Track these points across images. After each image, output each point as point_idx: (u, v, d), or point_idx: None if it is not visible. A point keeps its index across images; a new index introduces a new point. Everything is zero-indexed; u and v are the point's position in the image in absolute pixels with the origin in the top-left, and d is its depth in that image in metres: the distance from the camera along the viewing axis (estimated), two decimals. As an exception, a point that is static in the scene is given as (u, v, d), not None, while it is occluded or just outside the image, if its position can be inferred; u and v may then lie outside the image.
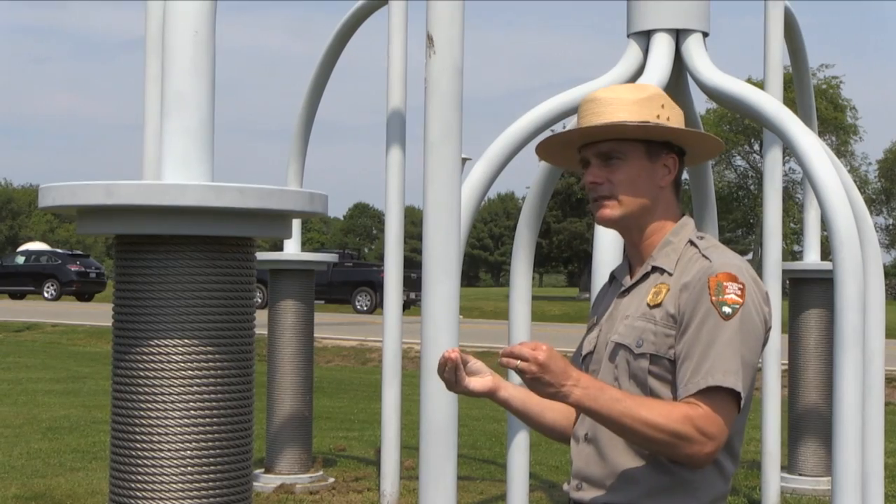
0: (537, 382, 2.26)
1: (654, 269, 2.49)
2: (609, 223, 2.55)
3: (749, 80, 7.98)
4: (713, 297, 2.32)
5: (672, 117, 2.51)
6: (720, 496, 2.43)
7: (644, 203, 2.51)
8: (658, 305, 2.41)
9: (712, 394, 2.28)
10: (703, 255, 2.42)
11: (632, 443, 2.37)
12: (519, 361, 2.26)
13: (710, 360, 2.29)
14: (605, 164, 2.50)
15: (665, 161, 2.51)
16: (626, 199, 2.50)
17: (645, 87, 2.56)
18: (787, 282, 8.79)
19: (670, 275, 2.44)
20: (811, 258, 8.87)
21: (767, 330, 2.40)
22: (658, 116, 2.49)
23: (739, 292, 2.33)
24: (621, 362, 2.44)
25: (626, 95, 2.50)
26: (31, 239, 65.93)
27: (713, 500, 2.41)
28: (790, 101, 8.12)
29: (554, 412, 2.63)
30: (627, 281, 2.55)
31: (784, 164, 8.47)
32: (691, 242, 2.48)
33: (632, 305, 2.49)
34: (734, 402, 2.30)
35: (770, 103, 5.69)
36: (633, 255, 2.58)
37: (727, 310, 2.31)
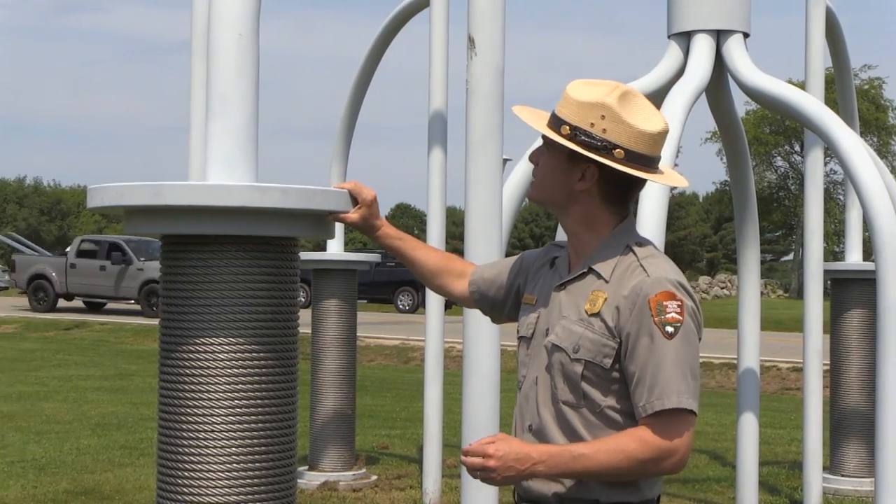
0: (503, 475, 2.42)
1: (591, 270, 2.54)
2: (531, 201, 2.74)
3: (790, 81, 7.92)
4: (655, 318, 2.41)
5: (610, 129, 2.48)
6: (657, 479, 2.56)
7: (555, 199, 2.60)
8: (596, 315, 2.48)
9: (668, 414, 2.41)
10: (641, 266, 2.48)
11: (607, 480, 2.48)
12: (480, 459, 2.41)
13: (661, 384, 2.40)
14: (543, 150, 2.62)
15: (584, 169, 2.52)
16: (540, 188, 2.63)
17: (605, 91, 2.52)
18: (829, 282, 8.70)
19: (606, 282, 2.50)
20: (853, 258, 8.78)
21: (701, 338, 2.52)
22: (592, 125, 2.49)
23: (679, 310, 2.42)
24: (556, 363, 2.53)
25: (578, 95, 2.53)
26: (79, 239, 66.50)
27: (653, 485, 2.54)
28: (832, 102, 8.04)
29: (420, 251, 2.95)
30: (565, 274, 2.61)
31: (825, 164, 8.41)
32: (629, 248, 2.53)
33: (569, 306, 2.55)
34: (688, 415, 2.43)
35: (811, 103, 5.63)
36: (571, 247, 2.65)
37: (670, 329, 2.41)
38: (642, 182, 2.56)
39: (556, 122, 2.54)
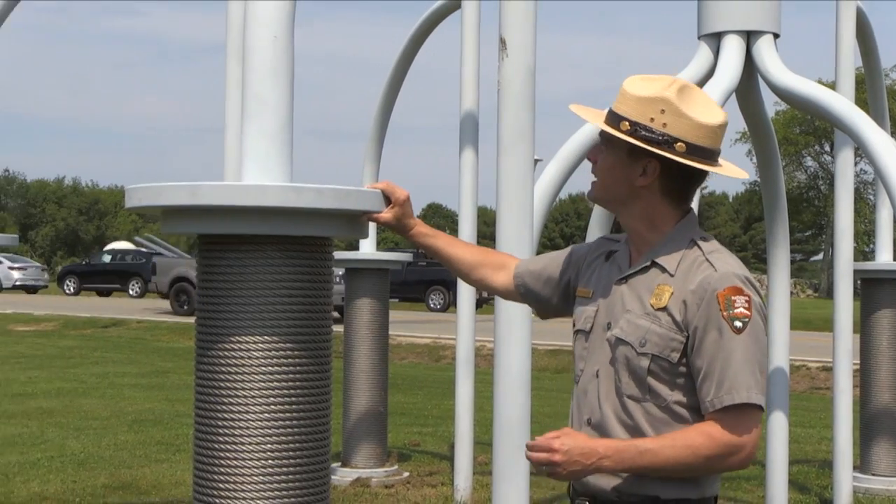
0: (569, 469, 2.42)
1: (655, 264, 2.51)
2: (591, 200, 2.70)
3: (820, 82, 7.88)
4: (724, 313, 2.38)
5: (670, 123, 2.46)
6: (717, 477, 2.54)
7: (616, 196, 2.57)
8: (662, 309, 2.45)
9: (736, 409, 2.38)
10: (708, 260, 2.45)
11: (672, 476, 2.45)
12: (545, 454, 2.42)
13: (730, 379, 2.37)
14: (602, 147, 2.59)
15: (645, 164, 2.49)
16: (602, 185, 2.60)
17: (663, 86, 2.49)
18: (859, 282, 8.63)
19: (671, 276, 2.47)
20: (883, 258, 8.71)
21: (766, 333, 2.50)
22: (652, 119, 2.46)
23: (747, 305, 2.39)
24: (621, 357, 2.50)
25: (636, 90, 2.50)
26: (116, 238, 67.01)
27: (713, 482, 2.51)
28: (862, 102, 7.97)
29: (456, 247, 2.94)
30: (626, 268, 2.57)
31: (855, 164, 8.33)
32: (694, 242, 2.50)
33: (633, 300, 2.51)
34: (757, 410, 2.40)
35: (842, 103, 5.59)
36: (632, 242, 2.61)
37: (738, 324, 2.38)
38: (702, 176, 2.53)
39: (614, 119, 2.51)
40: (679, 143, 2.45)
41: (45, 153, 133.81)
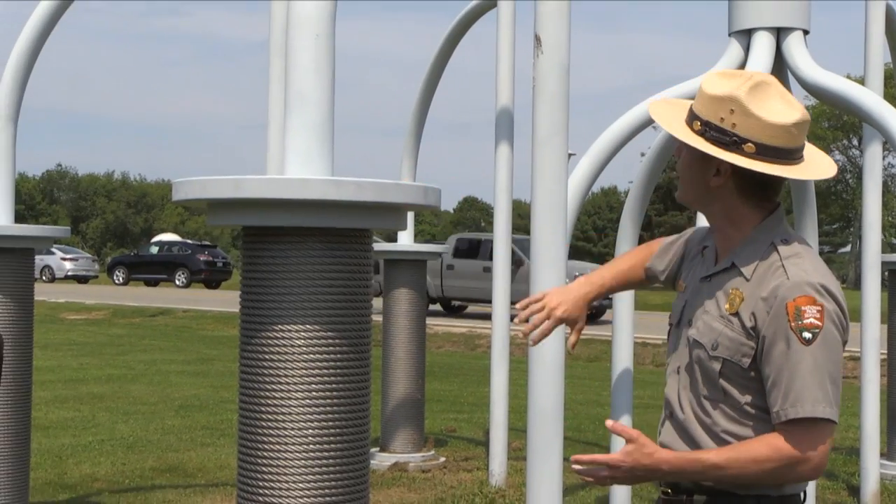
0: (630, 482, 2.40)
1: (734, 266, 2.41)
2: (678, 201, 2.60)
3: (848, 77, 7.80)
4: (792, 323, 2.26)
5: (739, 123, 2.33)
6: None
7: (695, 197, 2.49)
8: (735, 314, 2.36)
9: (802, 422, 2.27)
10: (783, 266, 2.33)
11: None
12: (605, 473, 2.36)
13: (797, 391, 2.26)
14: (683, 144, 2.47)
15: (718, 164, 2.39)
16: (682, 186, 2.52)
17: (737, 84, 2.37)
18: (886, 273, 8.54)
19: (747, 280, 2.36)
20: (910, 250, 8.61)
21: (844, 342, 2.34)
22: (722, 119, 2.35)
23: (818, 315, 2.26)
24: (696, 357, 2.43)
25: (710, 88, 2.39)
26: (163, 230, 67.53)
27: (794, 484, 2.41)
28: (890, 98, 7.88)
29: (623, 282, 2.81)
30: (712, 267, 2.49)
31: (883, 158, 8.24)
32: (774, 246, 2.38)
33: (711, 301, 2.43)
34: (825, 424, 2.28)
35: (871, 98, 5.53)
36: (718, 240, 2.51)
37: (807, 335, 2.26)
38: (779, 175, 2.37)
39: (691, 118, 2.42)
40: (748, 144, 2.33)
41: (96, 148, 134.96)
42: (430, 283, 23.99)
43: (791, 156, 2.37)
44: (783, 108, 2.35)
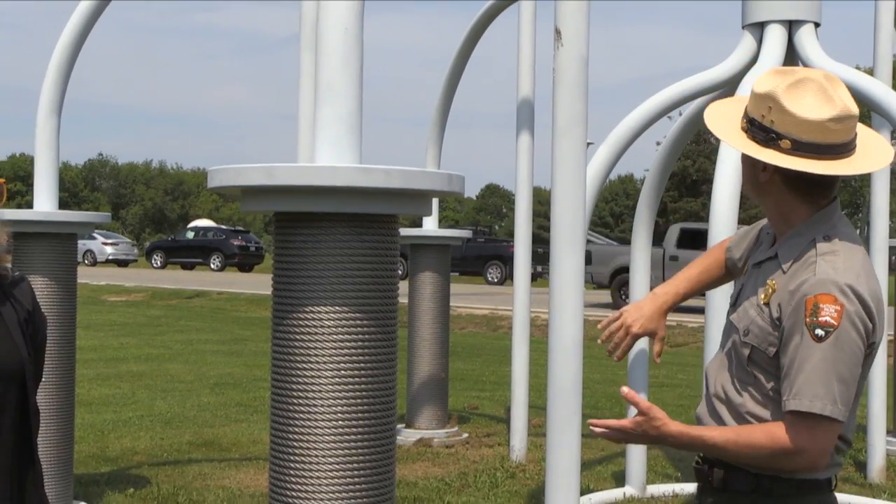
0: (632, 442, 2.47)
1: (777, 257, 2.39)
2: (746, 194, 2.63)
3: (857, 68, 7.74)
4: (807, 319, 2.23)
5: (777, 120, 2.29)
6: (833, 465, 2.39)
7: (751, 190, 2.48)
8: (767, 304, 2.34)
9: (800, 415, 2.25)
10: (815, 262, 2.28)
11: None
12: (616, 434, 2.43)
13: (799, 384, 2.24)
14: None
15: (764, 162, 2.35)
16: (742, 178, 2.52)
17: (780, 81, 2.32)
18: (894, 258, 8.50)
19: (784, 272, 2.34)
20: (918, 235, 8.55)
21: (871, 344, 2.29)
22: (763, 116, 2.32)
23: (835, 314, 2.21)
24: (733, 341, 2.44)
25: (757, 86, 2.36)
26: (198, 216, 67.77)
27: (827, 468, 2.36)
28: (898, 87, 7.81)
29: (703, 281, 2.80)
30: (764, 254, 2.47)
31: (892, 146, 8.19)
32: (814, 242, 2.33)
33: (753, 288, 2.42)
34: (824, 420, 2.24)
35: (879, 88, 5.50)
36: (774, 231, 2.49)
37: (819, 332, 2.21)
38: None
39: (744, 115, 2.40)
40: (784, 140, 2.29)
41: (135, 138, 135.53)
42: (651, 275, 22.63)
43: (833, 151, 2.30)
44: (818, 104, 2.28)
